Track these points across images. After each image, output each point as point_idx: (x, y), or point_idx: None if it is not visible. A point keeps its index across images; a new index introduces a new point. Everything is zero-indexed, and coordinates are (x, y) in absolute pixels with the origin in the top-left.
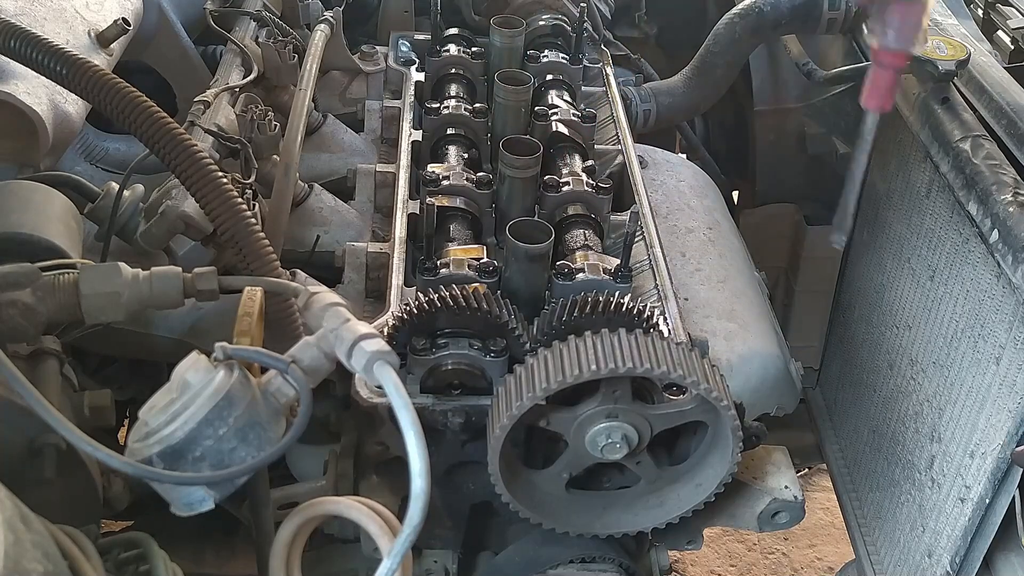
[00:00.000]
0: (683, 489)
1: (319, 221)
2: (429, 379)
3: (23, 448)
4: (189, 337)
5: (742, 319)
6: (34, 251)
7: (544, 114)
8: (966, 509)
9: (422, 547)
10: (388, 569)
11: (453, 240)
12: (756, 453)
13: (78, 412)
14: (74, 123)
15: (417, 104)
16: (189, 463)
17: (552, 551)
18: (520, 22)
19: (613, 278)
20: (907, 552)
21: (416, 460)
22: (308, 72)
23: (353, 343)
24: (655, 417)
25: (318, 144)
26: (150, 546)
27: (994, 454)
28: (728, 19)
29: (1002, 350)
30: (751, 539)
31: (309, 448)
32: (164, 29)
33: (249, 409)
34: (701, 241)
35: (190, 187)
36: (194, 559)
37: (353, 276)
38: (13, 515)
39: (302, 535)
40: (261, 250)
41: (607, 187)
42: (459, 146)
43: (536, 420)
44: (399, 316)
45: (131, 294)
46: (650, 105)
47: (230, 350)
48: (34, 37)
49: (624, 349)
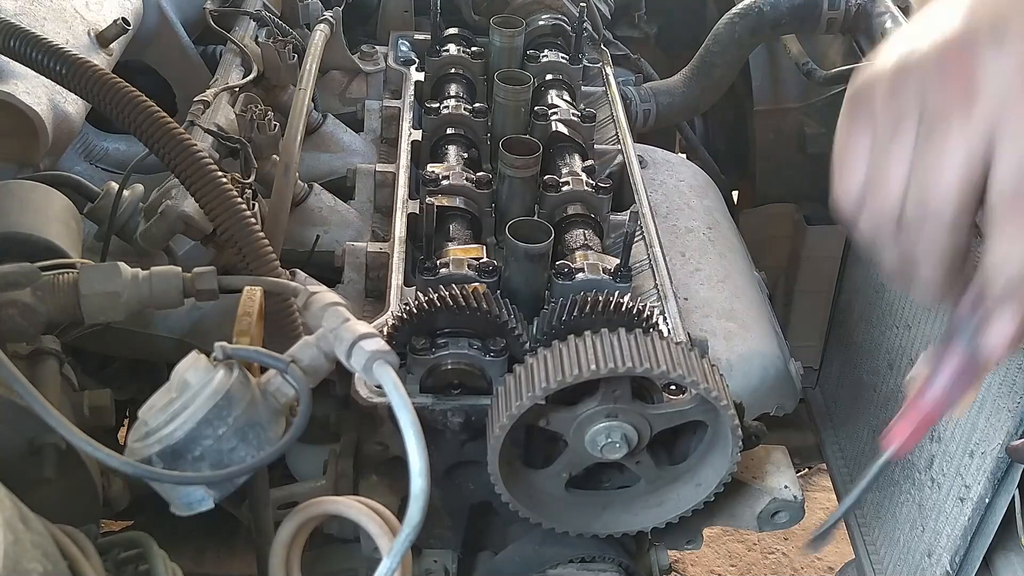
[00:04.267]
0: (683, 489)
1: (319, 221)
2: (429, 379)
3: (23, 448)
4: (189, 337)
5: (742, 319)
6: (34, 251)
7: (544, 114)
8: (966, 509)
9: (422, 547)
10: (388, 569)
11: (453, 240)
12: (756, 453)
13: (78, 412)
14: (74, 123)
15: (417, 104)
16: (189, 463)
17: (552, 551)
18: (520, 22)
19: (613, 278)
20: (907, 552)
21: (416, 460)
22: (308, 72)
23: (352, 343)
24: (655, 417)
25: (318, 144)
26: (150, 546)
27: (994, 454)
28: (728, 19)
29: None
30: (751, 539)
31: (309, 448)
32: (164, 29)
33: (249, 409)
34: (701, 241)
35: (190, 187)
36: (194, 559)
37: (353, 276)
38: (13, 515)
39: (302, 535)
40: (261, 250)
41: (607, 187)
42: (459, 146)
43: (536, 420)
44: (399, 316)
45: (131, 294)
46: (650, 105)
47: (230, 350)
48: (34, 37)
49: (624, 349)
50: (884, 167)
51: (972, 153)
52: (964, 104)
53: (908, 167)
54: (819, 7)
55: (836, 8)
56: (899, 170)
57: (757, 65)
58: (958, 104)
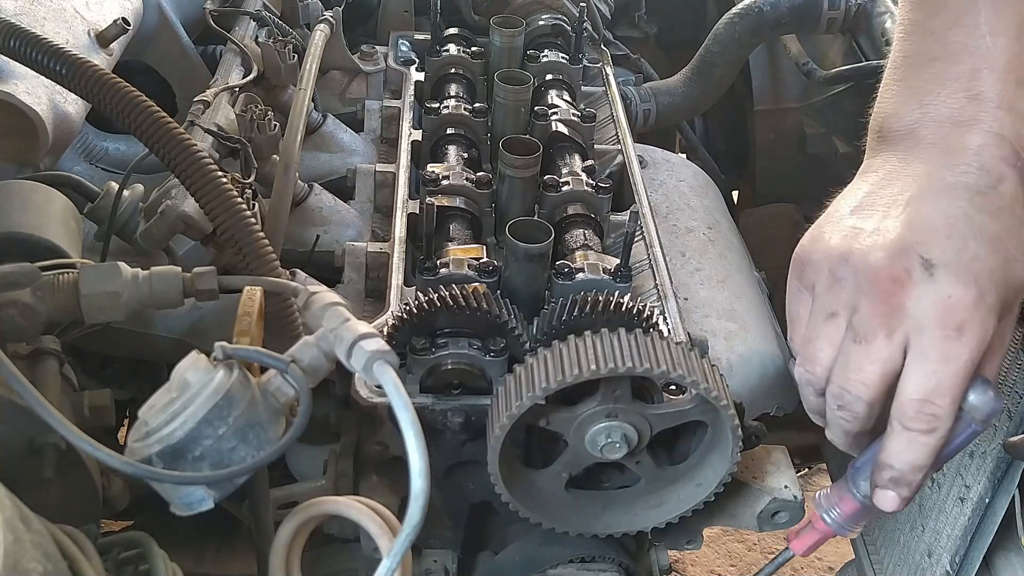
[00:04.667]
0: (683, 489)
1: (319, 221)
2: (429, 379)
3: (23, 448)
4: (189, 337)
5: (742, 319)
6: (34, 251)
7: (544, 114)
8: (966, 509)
9: (422, 547)
10: (388, 569)
11: (453, 240)
12: (756, 453)
13: (78, 412)
14: (74, 123)
15: (417, 104)
16: (189, 463)
17: (552, 551)
18: (520, 22)
19: (613, 278)
20: (907, 552)
21: (416, 460)
22: (308, 72)
23: (353, 342)
24: (655, 417)
25: (318, 144)
26: (150, 546)
27: (994, 454)
28: (728, 19)
29: None
30: (751, 539)
31: (309, 448)
32: (164, 29)
33: (249, 409)
34: (701, 241)
35: (190, 187)
36: (194, 559)
37: (353, 276)
38: (13, 515)
39: (302, 535)
40: (261, 250)
41: (607, 187)
42: (459, 146)
43: (536, 420)
44: (399, 316)
45: (131, 294)
46: (650, 105)
47: (230, 350)
48: (34, 37)
49: (624, 349)
50: (815, 344)
51: (887, 365)
52: (888, 325)
53: (835, 354)
54: (819, 7)
55: (836, 8)
56: (827, 354)
57: (757, 65)
58: (882, 324)
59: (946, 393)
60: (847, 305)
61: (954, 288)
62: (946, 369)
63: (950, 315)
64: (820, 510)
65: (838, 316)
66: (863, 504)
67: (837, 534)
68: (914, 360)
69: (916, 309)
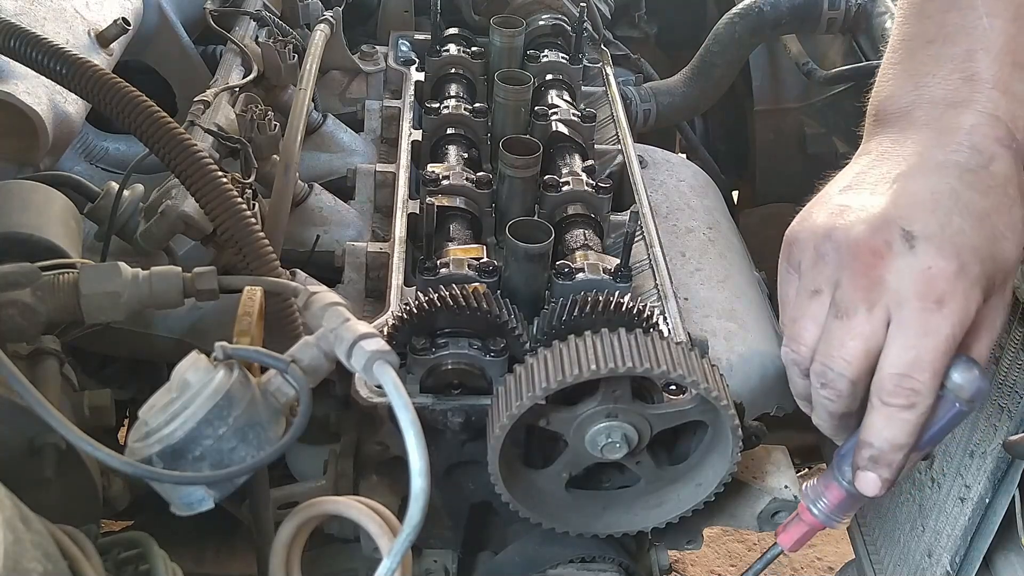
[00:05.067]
0: (683, 489)
1: (319, 221)
2: (429, 379)
3: (23, 448)
4: (189, 337)
5: (742, 319)
6: (34, 251)
7: (544, 114)
8: (966, 508)
9: (422, 547)
10: (388, 569)
11: (453, 240)
12: (756, 453)
13: (78, 412)
14: (74, 123)
15: (417, 104)
16: (189, 463)
17: (552, 551)
18: (520, 22)
19: (613, 278)
20: (907, 552)
21: (416, 460)
22: (308, 72)
23: (353, 342)
24: (655, 417)
25: (318, 144)
26: (150, 546)
27: (994, 453)
28: (728, 19)
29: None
30: (751, 539)
31: (309, 448)
32: (164, 29)
33: (249, 409)
34: (701, 241)
35: (190, 187)
36: (194, 559)
37: (353, 276)
38: (13, 515)
39: (302, 535)
40: (261, 250)
41: (607, 187)
42: (459, 146)
43: (536, 420)
44: (399, 316)
45: (131, 294)
46: (650, 105)
47: (230, 350)
48: (34, 37)
49: (624, 349)
50: (801, 322)
51: (869, 341)
52: (868, 299)
53: (819, 331)
54: (819, 7)
55: (836, 8)
56: (811, 332)
57: (757, 65)
58: (864, 299)
59: (926, 367)
60: (830, 281)
61: (935, 260)
62: (925, 342)
63: (930, 287)
64: (807, 501)
65: (822, 293)
66: (848, 492)
67: (825, 526)
68: (894, 334)
69: (896, 282)
